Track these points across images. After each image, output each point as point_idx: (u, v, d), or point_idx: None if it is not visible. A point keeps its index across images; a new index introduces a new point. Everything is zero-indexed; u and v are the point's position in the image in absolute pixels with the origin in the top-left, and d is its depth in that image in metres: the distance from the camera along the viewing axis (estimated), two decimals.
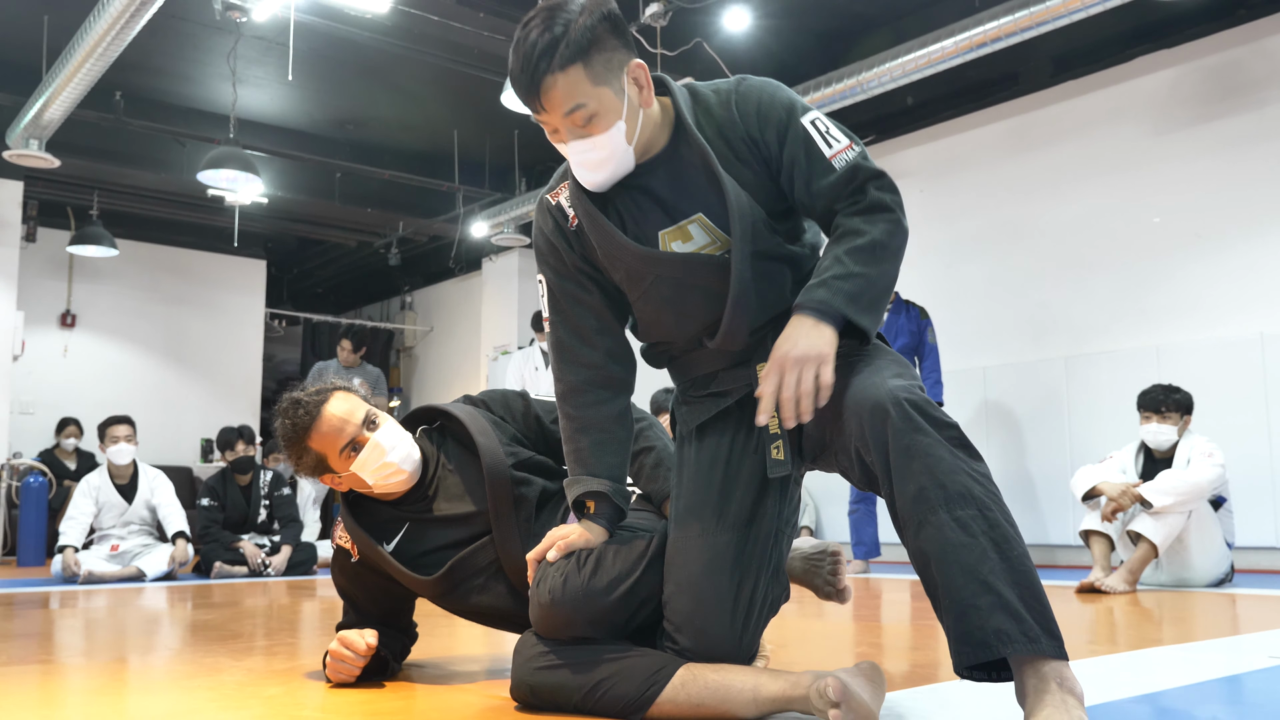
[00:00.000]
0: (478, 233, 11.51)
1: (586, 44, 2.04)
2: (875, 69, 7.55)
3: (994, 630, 1.74)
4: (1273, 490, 6.75)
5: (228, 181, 8.76)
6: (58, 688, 2.78)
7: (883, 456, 1.91)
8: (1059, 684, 1.76)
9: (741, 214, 2.14)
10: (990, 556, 1.79)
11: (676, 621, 2.14)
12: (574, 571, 2.14)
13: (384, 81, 9.59)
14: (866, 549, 7.38)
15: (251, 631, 4.03)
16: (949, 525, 1.82)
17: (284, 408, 2.70)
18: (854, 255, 2.04)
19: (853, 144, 2.14)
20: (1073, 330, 7.95)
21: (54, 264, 12.00)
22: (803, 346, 1.96)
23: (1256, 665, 2.86)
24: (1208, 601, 4.87)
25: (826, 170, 2.12)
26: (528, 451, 2.76)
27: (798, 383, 1.93)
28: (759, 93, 2.19)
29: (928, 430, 1.88)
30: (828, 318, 2.00)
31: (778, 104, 2.17)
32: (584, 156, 2.14)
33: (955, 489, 1.84)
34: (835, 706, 1.85)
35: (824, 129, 2.14)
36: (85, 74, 7.50)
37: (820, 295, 2.01)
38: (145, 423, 9.45)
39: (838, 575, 2.64)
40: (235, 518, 7.92)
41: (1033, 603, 1.77)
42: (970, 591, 1.77)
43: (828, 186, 2.12)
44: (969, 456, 1.90)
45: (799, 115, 2.16)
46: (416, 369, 15.07)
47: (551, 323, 2.37)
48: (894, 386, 1.93)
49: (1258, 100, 7.16)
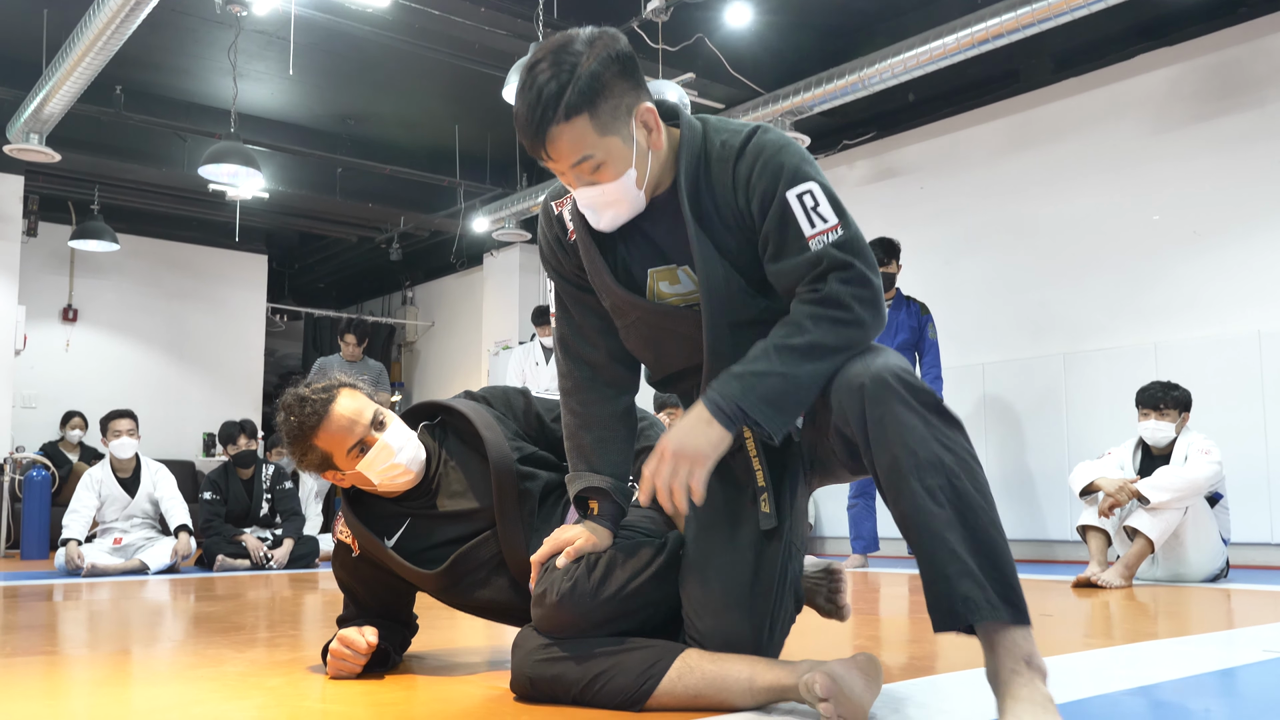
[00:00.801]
0: (479, 228, 11.52)
1: (593, 93, 1.98)
2: (876, 65, 7.56)
3: (961, 597, 1.78)
4: (1268, 486, 6.77)
5: (229, 176, 8.77)
6: (62, 679, 2.80)
7: (860, 427, 1.92)
8: (1027, 662, 1.78)
9: (712, 289, 2.10)
10: (955, 525, 1.81)
11: (701, 641, 2.15)
12: (583, 576, 2.14)
13: (385, 76, 9.60)
14: (865, 543, 7.40)
15: (254, 624, 4.05)
16: (920, 494, 1.83)
17: (289, 404, 2.66)
18: (784, 354, 1.96)
19: (839, 225, 2.02)
20: (1071, 327, 7.97)
21: (55, 258, 12.02)
22: (686, 443, 1.96)
23: (1251, 659, 2.88)
24: (1203, 596, 4.89)
25: (798, 249, 2.03)
26: (530, 446, 2.76)
27: (671, 475, 1.95)
28: (758, 157, 2.09)
29: (903, 398, 1.88)
30: (724, 417, 1.95)
31: (769, 171, 2.06)
32: (593, 202, 2.11)
33: (926, 457, 1.85)
34: (823, 701, 1.86)
35: (812, 204, 2.03)
36: (85, 68, 7.51)
37: (731, 390, 1.96)
38: (147, 417, 9.46)
39: (839, 594, 2.62)
40: (237, 511, 7.95)
41: (991, 571, 1.79)
42: (940, 559, 1.80)
43: (790, 268, 2.04)
44: (944, 424, 1.89)
45: (788, 186, 2.04)
46: (418, 364, 15.08)
47: (557, 319, 2.37)
48: (874, 365, 1.93)
49: (1258, 99, 7.17)
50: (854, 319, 1.97)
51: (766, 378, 1.95)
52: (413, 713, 2.20)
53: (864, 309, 1.98)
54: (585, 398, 2.33)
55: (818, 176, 2.06)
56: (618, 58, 2.03)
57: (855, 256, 2.00)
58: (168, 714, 2.22)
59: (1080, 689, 2.32)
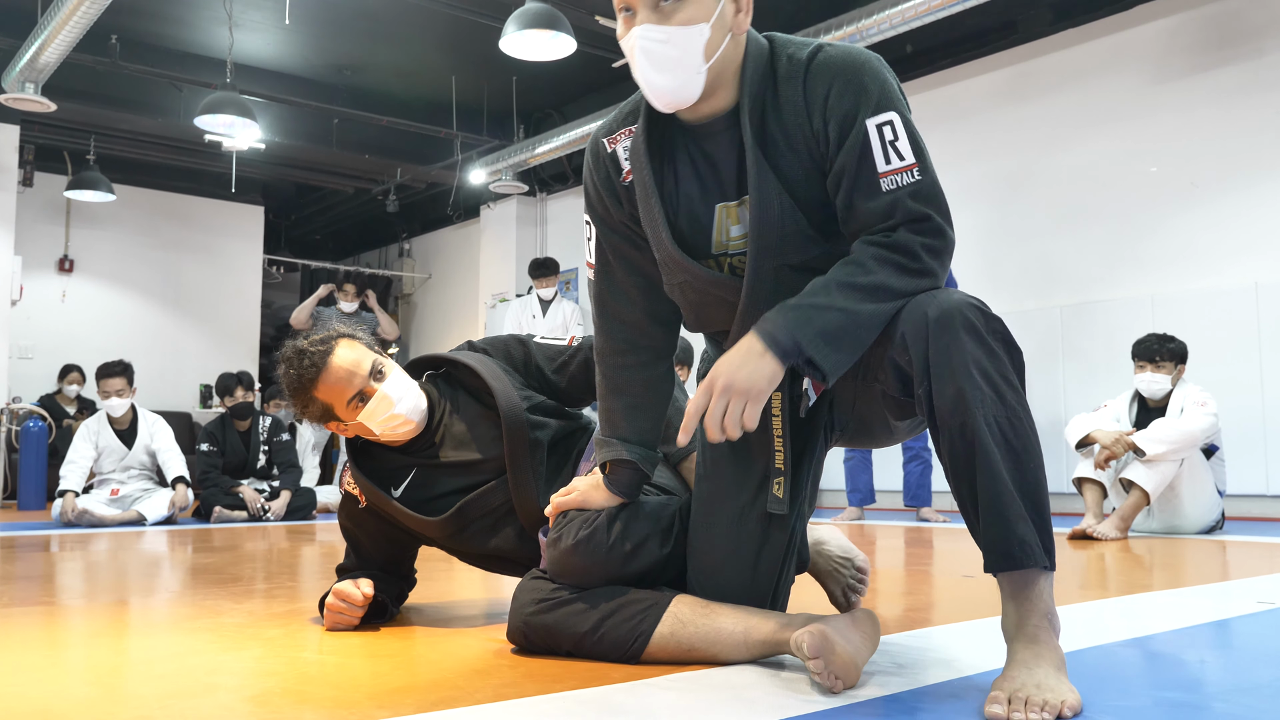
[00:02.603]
0: (476, 180, 11.48)
1: None
2: (875, 16, 7.50)
3: (1019, 540, 1.75)
4: (1264, 438, 6.79)
5: (225, 127, 8.74)
6: (60, 629, 2.81)
7: (921, 357, 1.81)
8: (1048, 619, 1.79)
9: (764, 226, 1.96)
10: (1013, 466, 1.76)
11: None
12: (603, 526, 2.14)
13: (382, 26, 9.52)
14: (861, 496, 7.42)
15: (251, 575, 4.06)
16: (984, 430, 1.76)
17: (288, 356, 2.65)
18: (846, 291, 1.84)
19: (917, 167, 1.88)
20: (1068, 279, 7.95)
21: (51, 209, 11.98)
22: (738, 376, 1.82)
23: (1245, 610, 2.89)
24: (1198, 548, 4.91)
25: (871, 190, 1.89)
26: (538, 396, 2.75)
27: (724, 413, 1.83)
28: (835, 73, 1.93)
29: (972, 327, 1.79)
30: (779, 348, 1.82)
31: (851, 92, 1.91)
32: (652, 46, 1.89)
33: (992, 392, 1.77)
34: (813, 659, 1.83)
35: (891, 137, 1.88)
36: (81, 17, 7.45)
37: (788, 320, 1.84)
38: (144, 368, 9.47)
39: (857, 592, 2.55)
40: (234, 463, 7.97)
41: (1037, 516, 1.77)
42: (1001, 500, 1.75)
43: (864, 213, 1.90)
44: (1010, 360, 1.82)
45: (869, 112, 1.89)
46: (415, 316, 15.07)
47: (596, 273, 2.24)
48: (941, 297, 1.83)
49: (1255, 49, 7.13)
50: (921, 268, 1.86)
51: (827, 311, 1.82)
52: (411, 664, 2.20)
53: (933, 259, 1.87)
54: (618, 361, 2.24)
55: (899, 106, 1.92)
56: None
57: (931, 206, 1.88)
58: (165, 664, 2.23)
59: (1076, 640, 2.33)
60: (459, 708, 1.77)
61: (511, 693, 1.87)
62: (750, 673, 1.99)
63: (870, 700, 1.80)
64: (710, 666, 2.04)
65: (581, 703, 1.79)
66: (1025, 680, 1.69)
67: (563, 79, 10.50)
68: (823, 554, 2.55)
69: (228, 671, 2.15)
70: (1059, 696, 1.66)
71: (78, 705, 1.85)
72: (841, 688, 1.83)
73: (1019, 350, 1.84)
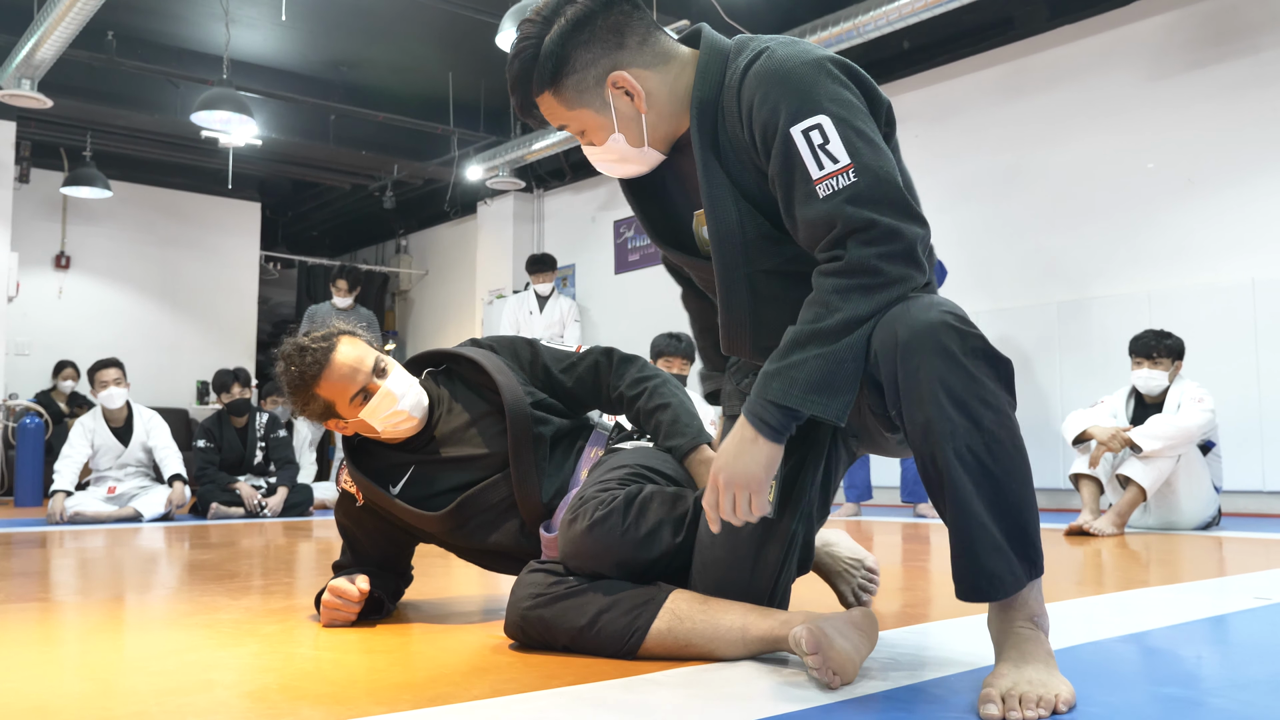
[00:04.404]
0: (473, 176, 11.47)
1: (552, 71, 1.97)
2: (872, 12, 7.50)
3: (987, 574, 1.71)
4: (1260, 434, 6.79)
5: (221, 123, 8.73)
6: (56, 625, 2.81)
7: (891, 379, 1.76)
8: (1033, 621, 1.77)
9: (722, 235, 1.97)
10: (987, 492, 1.71)
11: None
12: (619, 509, 2.14)
13: (378, 23, 9.51)
14: (859, 492, 7.43)
15: (248, 571, 4.06)
16: (953, 464, 1.70)
17: (289, 353, 2.65)
18: (817, 339, 1.76)
19: (852, 165, 1.78)
20: (1065, 275, 7.95)
21: (48, 205, 11.97)
22: (736, 470, 1.82)
23: (1242, 606, 2.89)
24: (1194, 544, 4.91)
25: (808, 199, 1.81)
26: (540, 393, 2.75)
27: (732, 506, 1.83)
28: (758, 83, 1.88)
29: (942, 348, 1.71)
30: (769, 429, 1.79)
31: (770, 100, 1.85)
32: (598, 161, 2.09)
33: (963, 420, 1.70)
34: (810, 655, 1.82)
35: (820, 141, 1.79)
36: (77, 13, 7.43)
37: (771, 392, 1.78)
38: (141, 365, 9.47)
39: (866, 594, 2.54)
40: (231, 459, 7.96)
41: (1018, 534, 1.72)
42: (969, 534, 1.71)
43: (806, 224, 1.82)
44: (990, 374, 1.74)
45: (792, 120, 1.82)
46: (412, 312, 15.06)
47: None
48: (914, 309, 1.75)
49: (1252, 45, 7.13)
50: (886, 280, 1.76)
51: (803, 366, 1.76)
52: (407, 660, 2.20)
53: (897, 265, 1.76)
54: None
55: (829, 105, 1.82)
56: (582, 22, 1.96)
57: (875, 209, 1.76)
58: (162, 660, 2.23)
59: (1072, 636, 2.33)
60: (455, 703, 1.77)
61: (508, 688, 1.87)
62: (748, 668, 1.99)
63: (868, 696, 1.80)
64: (707, 663, 2.04)
65: (578, 698, 1.79)
66: (1016, 678, 1.69)
67: None
68: (833, 556, 2.55)
69: (224, 667, 2.15)
70: (1052, 690, 1.66)
71: (74, 701, 1.85)
72: (839, 684, 1.83)
73: (1004, 362, 1.77)
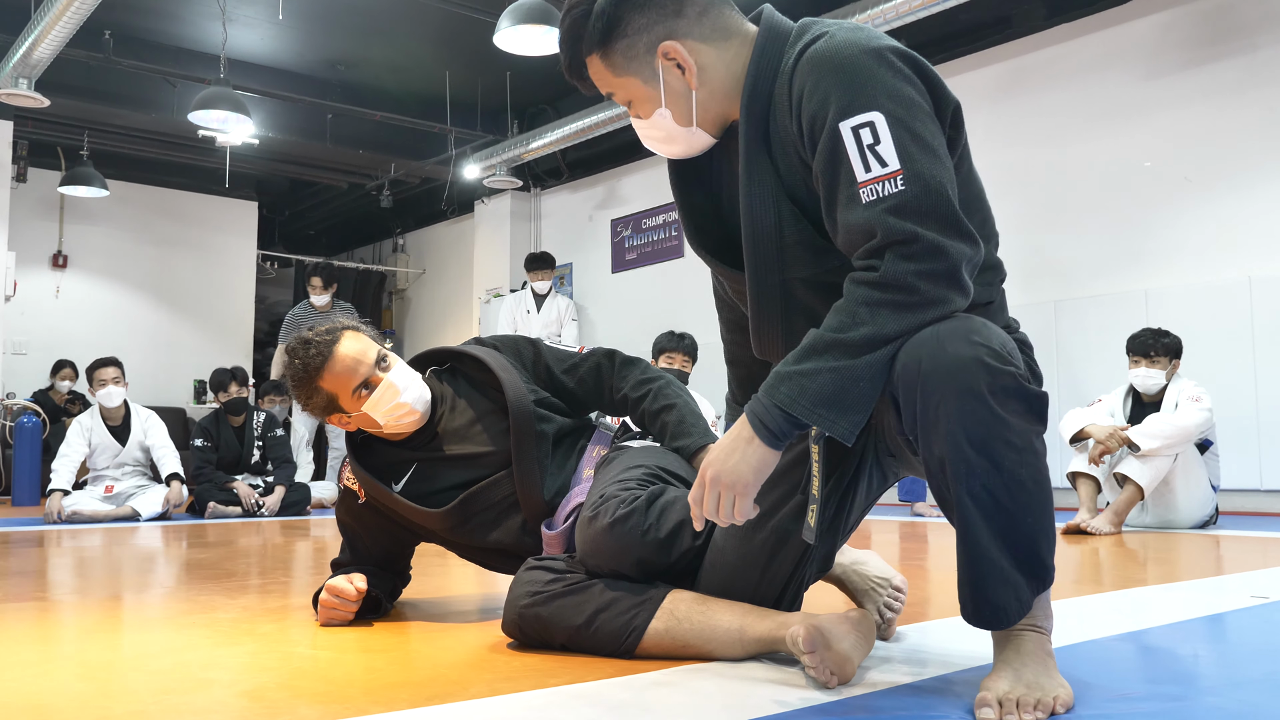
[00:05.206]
0: (470, 175, 11.48)
1: (601, 32, 1.88)
2: (868, 11, 7.50)
3: (991, 606, 1.68)
4: (1258, 433, 6.79)
5: (218, 122, 8.72)
6: (54, 624, 2.81)
7: (911, 408, 1.67)
8: (1035, 626, 1.76)
9: (756, 237, 1.84)
10: (1000, 526, 1.66)
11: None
12: (641, 508, 2.12)
13: (375, 21, 9.51)
14: None
15: (245, 570, 4.06)
16: (966, 504, 1.65)
17: (292, 348, 2.68)
18: (837, 349, 1.65)
19: (901, 172, 1.63)
20: (1063, 274, 7.96)
21: (45, 204, 11.97)
22: (724, 469, 1.73)
23: (1239, 604, 2.89)
24: (1192, 543, 4.91)
25: (850, 203, 1.67)
26: (543, 392, 2.75)
27: (715, 505, 1.74)
28: (810, 70, 1.74)
29: (966, 386, 1.61)
30: (767, 433, 1.69)
31: (821, 90, 1.71)
32: (644, 136, 1.99)
33: (981, 463, 1.63)
34: (807, 654, 1.82)
35: (871, 140, 1.65)
36: (74, 12, 7.44)
37: (779, 395, 1.67)
38: (138, 364, 9.47)
39: (895, 606, 2.45)
40: (229, 459, 7.96)
41: (1030, 559, 1.69)
42: (979, 567, 1.68)
43: (846, 229, 1.69)
44: (1020, 413, 1.64)
45: (843, 114, 1.68)
46: (409, 311, 15.05)
47: None
48: (941, 335, 1.63)
49: (1249, 45, 7.13)
50: (921, 300, 1.63)
51: (818, 376, 1.64)
52: (405, 659, 2.20)
53: (937, 285, 1.63)
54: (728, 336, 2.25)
55: (885, 101, 1.67)
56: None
57: (920, 222, 1.62)
58: (159, 659, 2.23)
59: (1070, 635, 2.33)
60: (453, 702, 1.77)
61: (506, 687, 1.87)
62: (746, 668, 1.99)
63: (866, 694, 1.80)
64: (705, 663, 2.03)
65: (576, 697, 1.78)
66: (1014, 680, 1.67)
67: (557, 74, 10.35)
68: (863, 574, 2.53)
69: (222, 666, 2.15)
70: (1050, 694, 1.65)
71: (72, 700, 1.85)
72: (836, 683, 1.83)
73: (1037, 397, 1.67)
